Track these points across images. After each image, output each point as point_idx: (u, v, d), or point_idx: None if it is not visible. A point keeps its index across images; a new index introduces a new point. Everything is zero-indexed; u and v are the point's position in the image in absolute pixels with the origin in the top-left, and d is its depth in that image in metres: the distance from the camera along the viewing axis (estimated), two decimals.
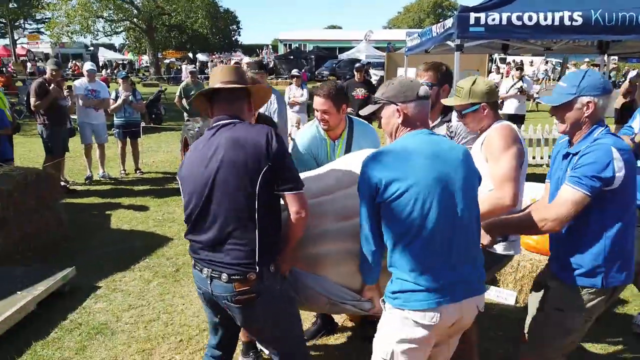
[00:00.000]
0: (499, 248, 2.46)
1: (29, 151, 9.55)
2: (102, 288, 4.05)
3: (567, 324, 2.17)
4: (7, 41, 38.68)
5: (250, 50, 56.03)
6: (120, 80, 8.03)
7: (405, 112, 1.97)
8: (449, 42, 5.70)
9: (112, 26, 30.55)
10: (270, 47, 50.72)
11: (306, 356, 2.38)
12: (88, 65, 7.83)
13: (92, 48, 42.26)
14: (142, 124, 8.16)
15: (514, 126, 2.44)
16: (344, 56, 35.33)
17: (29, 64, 29.10)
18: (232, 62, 20.37)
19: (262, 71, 4.23)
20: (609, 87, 2.09)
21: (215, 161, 1.98)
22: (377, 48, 36.03)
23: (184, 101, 8.67)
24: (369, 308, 2.25)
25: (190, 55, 44.06)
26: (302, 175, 2.20)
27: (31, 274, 3.85)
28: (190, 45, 45.84)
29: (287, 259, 2.15)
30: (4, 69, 22.92)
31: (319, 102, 2.84)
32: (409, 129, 1.99)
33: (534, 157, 8.69)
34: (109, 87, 8.57)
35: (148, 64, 33.95)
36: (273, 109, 4.78)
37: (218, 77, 2.13)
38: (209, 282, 2.02)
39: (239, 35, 59.01)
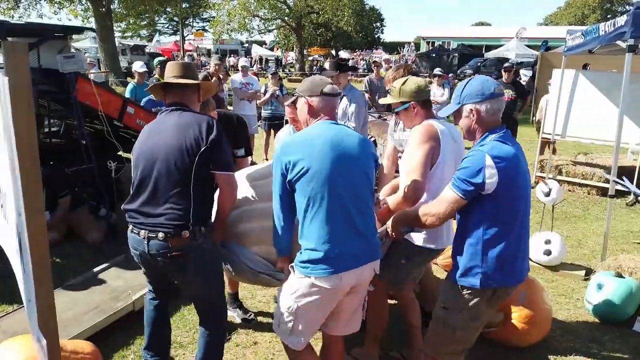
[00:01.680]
0: (418, 240, 2.63)
1: None
2: None
3: (449, 321, 2.26)
4: (177, 37, 43.89)
5: (391, 47, 55.91)
6: (269, 76, 8.63)
7: (311, 104, 2.30)
8: (619, 42, 5.04)
9: (266, 24, 32.86)
10: (412, 44, 50.00)
11: (226, 312, 2.67)
12: (243, 61, 8.55)
13: (246, 45, 45.98)
14: (286, 118, 8.66)
15: (438, 126, 2.57)
16: (491, 54, 33.38)
17: (193, 54, 32.61)
18: (373, 59, 20.54)
19: (336, 72, 4.51)
20: (488, 92, 2.13)
21: (161, 140, 2.32)
22: (530, 46, 33.40)
23: None
24: (281, 279, 2.46)
25: (333, 52, 45.45)
26: (258, 165, 2.54)
27: None
28: (334, 42, 47.27)
29: (219, 230, 2.52)
30: None
31: (287, 111, 3.19)
32: (315, 119, 2.30)
33: None
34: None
35: (294, 61, 35.86)
36: (351, 112, 4.59)
37: (171, 72, 2.47)
38: (145, 242, 2.30)
39: (382, 33, 59.22)
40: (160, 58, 8.35)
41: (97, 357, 2.26)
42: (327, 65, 5.01)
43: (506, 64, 8.70)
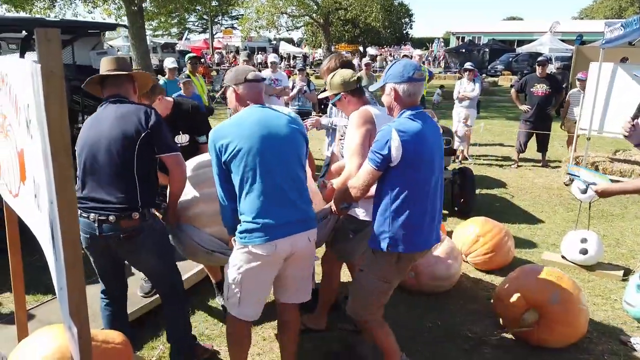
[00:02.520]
0: (361, 214, 2.87)
1: None
2: None
3: (363, 282, 2.55)
4: (207, 35, 44.38)
5: (420, 43, 55.17)
6: (297, 72, 8.61)
7: (238, 92, 2.46)
8: None
9: (294, 21, 32.90)
10: (442, 40, 49.27)
11: (181, 284, 2.79)
12: (272, 58, 8.55)
13: (274, 42, 46.09)
14: (313, 113, 8.63)
15: (373, 110, 2.81)
16: (523, 49, 32.55)
17: (222, 52, 32.92)
18: (401, 55, 20.29)
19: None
20: (407, 75, 2.37)
21: (103, 131, 2.45)
22: (564, 41, 32.42)
23: None
24: None
25: (361, 48, 45.17)
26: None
27: None
28: (362, 39, 46.94)
29: (171, 211, 2.71)
30: (203, 59, 26.34)
31: None
32: (243, 106, 2.46)
33: None
34: (289, 78, 9.25)
35: (321, 57, 35.79)
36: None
37: (105, 67, 2.60)
38: (96, 225, 2.41)
39: (411, 29, 58.48)
40: (191, 54, 8.44)
41: (127, 348, 2.28)
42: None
43: (540, 58, 8.41)
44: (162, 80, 7.66)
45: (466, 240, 4.37)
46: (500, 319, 3.39)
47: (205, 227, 2.77)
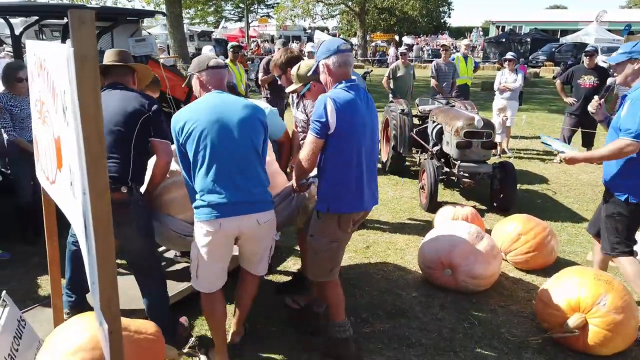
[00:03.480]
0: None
1: None
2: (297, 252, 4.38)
3: (315, 246, 2.73)
4: (242, 24, 44.59)
5: (457, 33, 53.88)
6: None
7: (200, 79, 2.62)
8: None
9: (329, 10, 32.62)
10: (480, 29, 47.94)
11: (159, 268, 2.95)
12: (309, 47, 8.46)
13: (309, 31, 45.90)
14: None
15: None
16: (567, 39, 31.28)
17: (257, 41, 33.01)
18: (438, 44, 19.79)
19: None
20: (333, 48, 2.59)
21: (107, 107, 2.52)
22: (611, 31, 30.99)
23: (391, 82, 8.71)
24: None
25: (397, 38, 44.46)
26: None
27: None
28: (398, 27, 46.18)
29: (149, 196, 2.86)
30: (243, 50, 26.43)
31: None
32: (206, 91, 2.61)
33: None
34: None
35: (356, 46, 35.43)
36: None
37: (109, 58, 2.79)
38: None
39: (449, 17, 57.13)
40: (233, 43, 8.49)
41: (159, 338, 2.27)
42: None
43: (588, 48, 7.99)
44: None
45: (506, 238, 4.19)
46: (543, 322, 3.23)
47: (179, 214, 2.89)
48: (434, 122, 6.36)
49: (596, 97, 3.41)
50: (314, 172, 2.76)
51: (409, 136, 6.62)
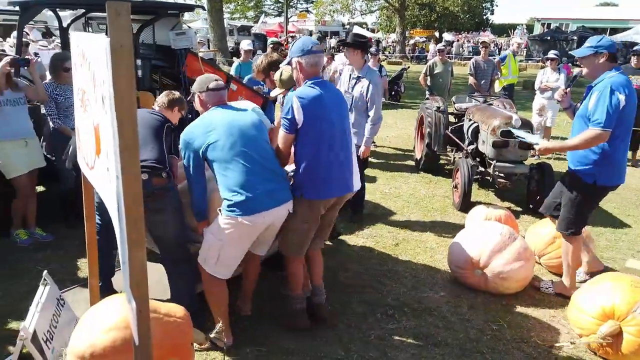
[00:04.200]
0: None
1: None
2: (326, 246, 4.40)
3: (291, 225, 2.93)
4: (281, 19, 44.84)
5: (500, 30, 52.47)
6: (369, 56, 8.42)
7: (201, 98, 2.90)
8: None
9: (368, 5, 32.36)
10: (525, 26, 46.54)
11: (188, 252, 3.00)
12: None
13: (347, 26, 45.70)
14: (382, 100, 8.44)
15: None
16: (617, 38, 29.97)
17: (296, 36, 33.13)
18: (479, 41, 19.34)
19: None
20: (306, 49, 2.82)
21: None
22: None
23: (428, 79, 8.58)
24: (199, 241, 2.91)
25: (437, 34, 43.69)
26: None
27: None
28: (438, 23, 45.36)
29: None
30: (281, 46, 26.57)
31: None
32: (206, 109, 2.89)
33: None
34: None
35: (394, 42, 35.02)
36: (369, 95, 4.55)
37: None
38: None
39: (492, 14, 55.68)
40: (274, 39, 8.62)
41: (188, 322, 2.34)
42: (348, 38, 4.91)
43: (636, 47, 7.65)
44: (236, 62, 7.81)
45: (541, 241, 4.09)
46: (575, 328, 3.14)
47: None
48: (470, 120, 6.24)
49: (562, 87, 3.82)
50: (292, 166, 3.00)
51: (444, 134, 6.53)
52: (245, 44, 7.69)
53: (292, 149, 2.96)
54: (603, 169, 3.30)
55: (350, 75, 4.72)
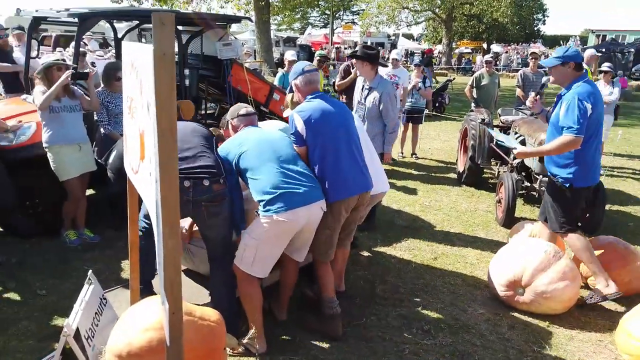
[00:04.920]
0: None
1: None
2: (364, 258, 4.36)
3: (321, 227, 3.03)
4: (327, 30, 45.29)
5: (552, 41, 50.87)
6: (413, 67, 8.37)
7: (232, 124, 3.27)
8: None
9: (415, 16, 32.16)
10: (578, 38, 44.90)
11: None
12: (394, 54, 8.37)
13: (393, 37, 45.59)
14: (425, 111, 8.34)
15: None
16: None
17: (340, 47, 33.35)
18: (530, 52, 18.80)
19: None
20: (299, 71, 3.15)
21: (186, 125, 3.15)
22: None
23: (474, 91, 8.40)
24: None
25: (485, 45, 42.87)
26: None
27: None
28: (486, 35, 44.54)
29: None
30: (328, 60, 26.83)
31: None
32: (236, 132, 3.20)
33: None
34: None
35: (440, 53, 34.61)
36: (382, 107, 4.68)
37: None
38: (191, 190, 2.73)
39: (543, 25, 54.13)
40: (321, 52, 8.77)
41: (221, 326, 2.37)
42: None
43: None
44: (280, 72, 7.94)
45: None
46: (623, 354, 2.97)
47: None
48: (516, 133, 6.06)
49: (532, 93, 4.09)
50: None
51: (488, 147, 6.37)
52: (290, 55, 7.80)
53: None
54: (578, 172, 3.52)
55: (362, 86, 4.97)
